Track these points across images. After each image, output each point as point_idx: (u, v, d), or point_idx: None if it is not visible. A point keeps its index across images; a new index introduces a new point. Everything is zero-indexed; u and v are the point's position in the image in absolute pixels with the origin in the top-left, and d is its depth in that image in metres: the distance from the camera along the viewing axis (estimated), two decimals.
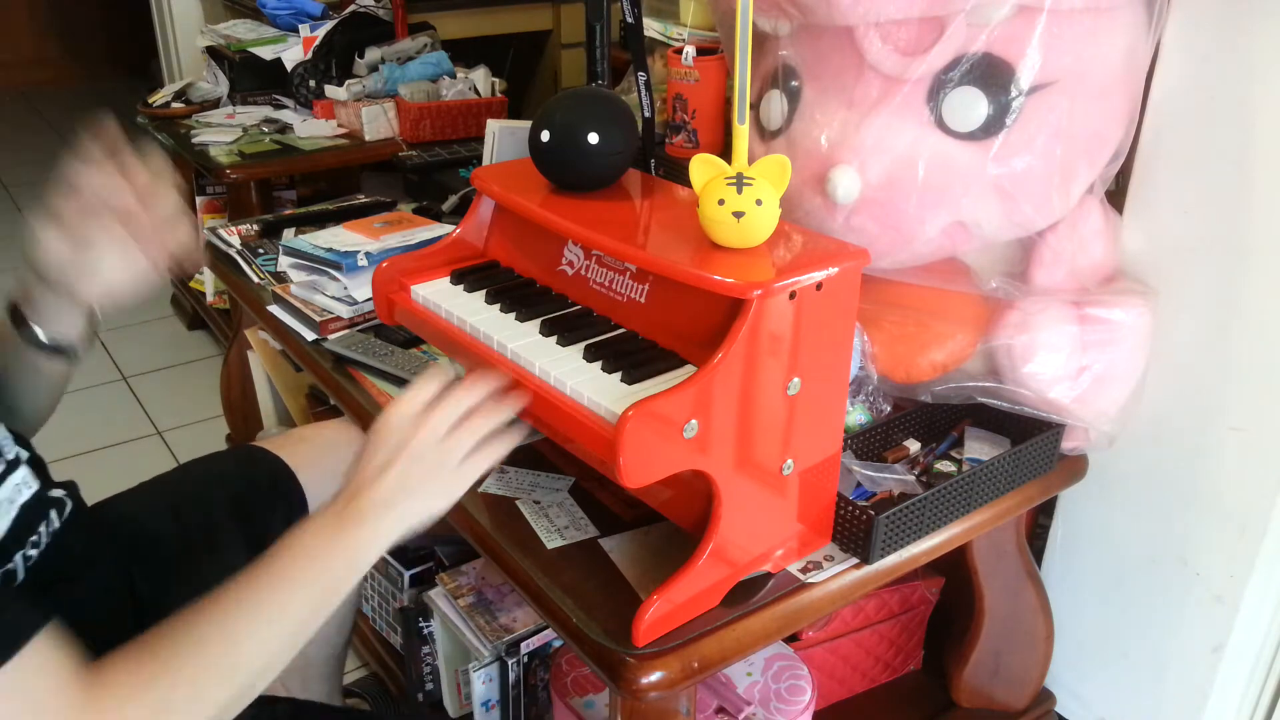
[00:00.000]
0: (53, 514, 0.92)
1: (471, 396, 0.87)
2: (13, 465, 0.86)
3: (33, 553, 0.87)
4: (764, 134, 1.22)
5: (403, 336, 1.38)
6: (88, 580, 0.97)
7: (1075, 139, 1.08)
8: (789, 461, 0.92)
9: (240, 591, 0.75)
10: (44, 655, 0.64)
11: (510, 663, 1.35)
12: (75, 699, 0.64)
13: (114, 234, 0.87)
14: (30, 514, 0.87)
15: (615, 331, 0.97)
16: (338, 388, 1.34)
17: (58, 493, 0.95)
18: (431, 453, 0.83)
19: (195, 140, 2.40)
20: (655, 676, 0.88)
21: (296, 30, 2.61)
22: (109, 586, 1.02)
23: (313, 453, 1.22)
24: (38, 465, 0.93)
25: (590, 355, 0.92)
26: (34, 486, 0.89)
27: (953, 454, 1.18)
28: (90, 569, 0.98)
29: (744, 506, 0.90)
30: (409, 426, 0.84)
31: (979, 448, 1.18)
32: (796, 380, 0.88)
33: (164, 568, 1.06)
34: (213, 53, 2.77)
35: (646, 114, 1.24)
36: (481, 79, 2.47)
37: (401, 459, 0.82)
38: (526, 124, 1.34)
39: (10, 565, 0.83)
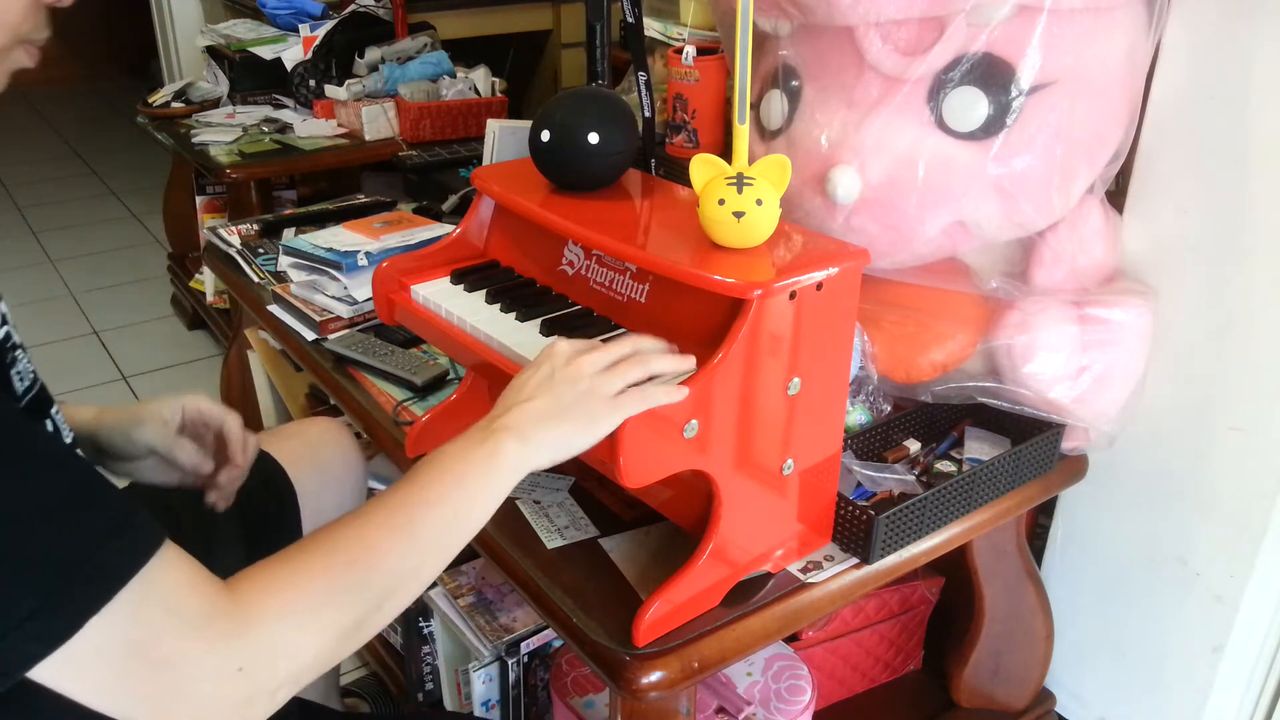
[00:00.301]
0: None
1: (641, 343, 0.85)
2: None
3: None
4: (764, 134, 1.22)
5: (403, 336, 1.38)
6: None
7: (1075, 139, 1.08)
8: (789, 461, 0.92)
9: (377, 506, 0.73)
10: (176, 558, 0.64)
11: (510, 663, 1.35)
12: (211, 601, 0.64)
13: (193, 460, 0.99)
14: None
15: (615, 331, 0.97)
16: (338, 388, 1.34)
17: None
18: (586, 382, 0.80)
19: (195, 140, 2.40)
20: (655, 676, 0.88)
21: (296, 30, 2.61)
22: None
23: (302, 449, 1.22)
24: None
25: None
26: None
27: (953, 454, 1.18)
28: None
29: (744, 506, 0.90)
30: (569, 356, 0.82)
31: (979, 448, 1.18)
32: (796, 380, 0.88)
33: None
34: (213, 52, 2.77)
35: (646, 114, 1.24)
36: (481, 79, 2.47)
37: (556, 383, 0.80)
38: (526, 124, 1.35)
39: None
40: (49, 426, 0.75)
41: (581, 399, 0.79)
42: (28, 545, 0.58)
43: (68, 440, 0.78)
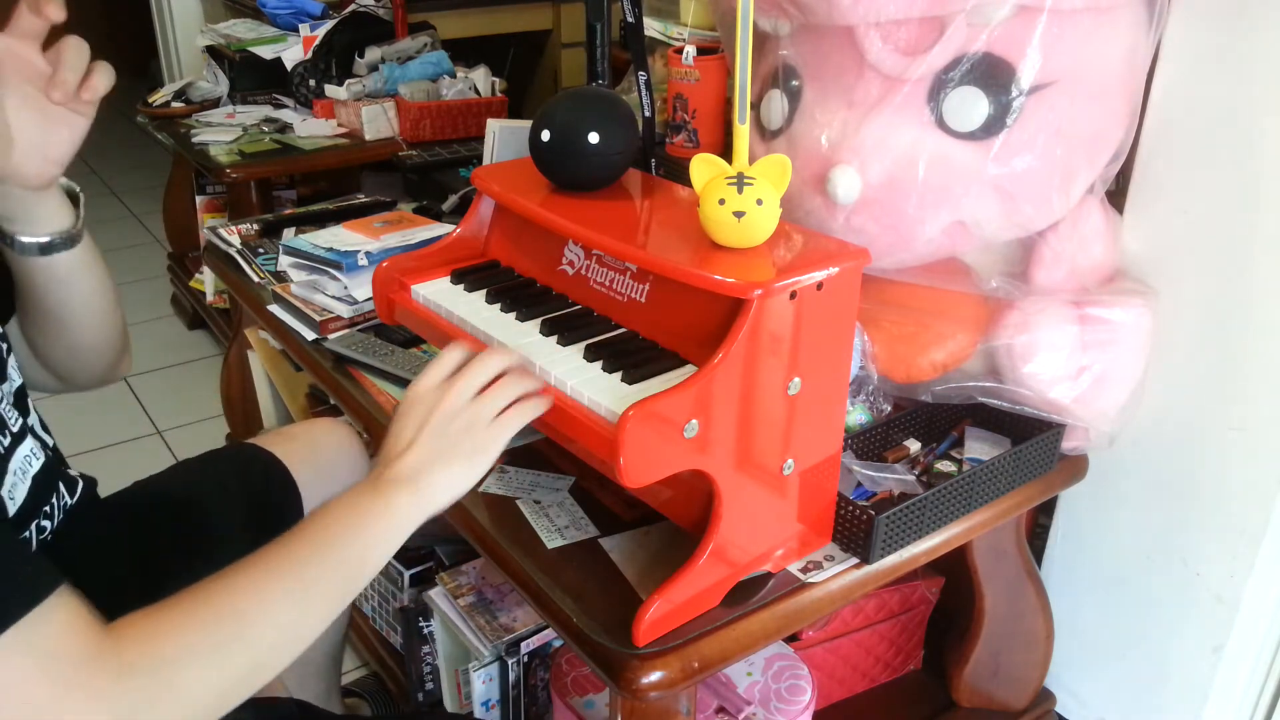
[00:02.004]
0: (63, 487, 0.92)
1: (495, 363, 0.85)
2: (19, 437, 0.86)
3: (46, 524, 0.87)
4: (764, 134, 1.22)
5: (403, 336, 1.38)
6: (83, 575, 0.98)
7: (1075, 139, 1.08)
8: (789, 461, 0.92)
9: (267, 559, 0.73)
10: (63, 608, 0.63)
11: (510, 663, 1.35)
12: (89, 647, 0.63)
13: (22, 93, 0.79)
14: (41, 486, 0.87)
15: (615, 331, 0.97)
16: (338, 387, 1.34)
17: (71, 472, 0.95)
18: (462, 414, 0.81)
19: (195, 140, 2.40)
20: (655, 676, 0.88)
21: (296, 30, 2.61)
22: (105, 582, 1.02)
23: (305, 450, 1.22)
24: (56, 454, 0.92)
25: (590, 355, 0.92)
26: (41, 459, 0.89)
27: (953, 454, 1.18)
28: (90, 563, 0.99)
29: (744, 506, 0.90)
30: (435, 394, 0.83)
31: (979, 448, 1.18)
32: (797, 380, 0.88)
33: (160, 566, 1.06)
34: (213, 52, 2.77)
35: (646, 114, 1.24)
36: (481, 79, 2.47)
37: (431, 424, 0.81)
38: (526, 124, 1.34)
39: (25, 534, 0.83)
40: None
41: (463, 433, 0.80)
42: None
43: None
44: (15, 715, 0.60)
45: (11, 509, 0.85)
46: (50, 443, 0.97)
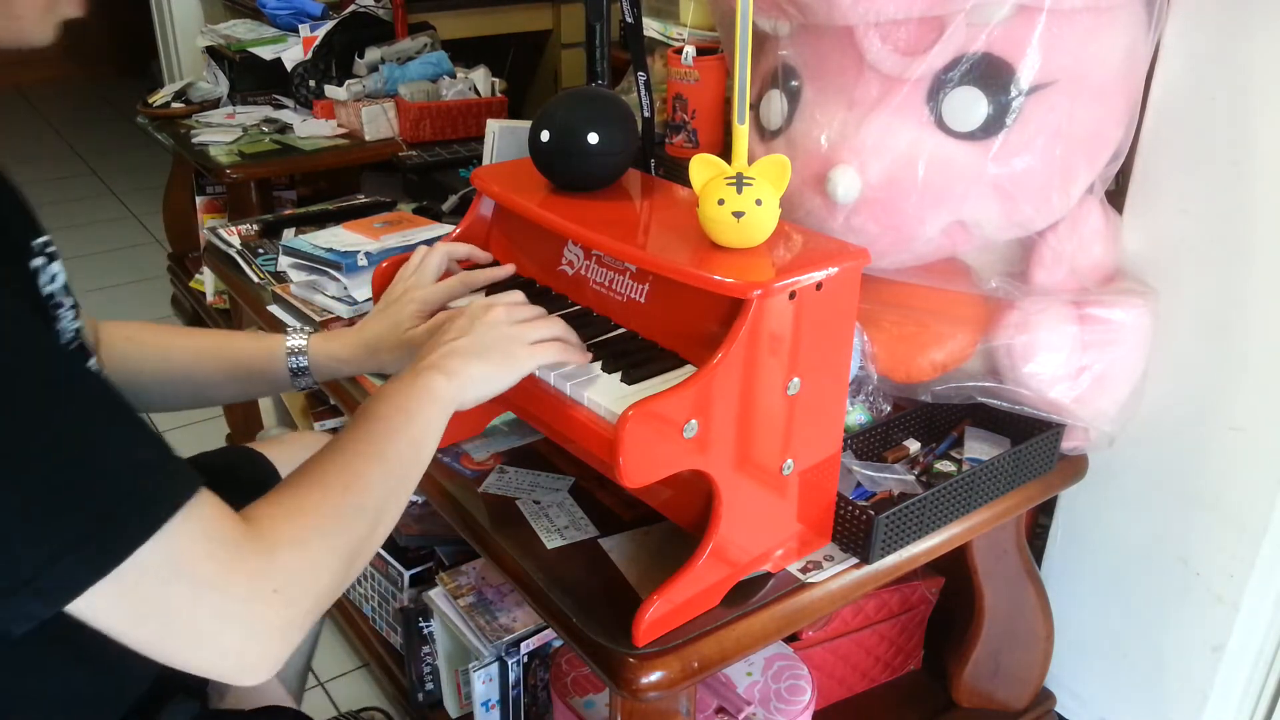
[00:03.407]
0: None
1: (544, 310, 0.94)
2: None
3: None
4: (764, 134, 1.22)
5: None
6: None
7: (1075, 139, 1.08)
8: (789, 461, 0.92)
9: (347, 441, 0.79)
10: (211, 498, 0.68)
11: (510, 663, 1.35)
12: (238, 531, 0.68)
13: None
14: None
15: (615, 331, 0.97)
16: (338, 387, 1.33)
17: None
18: (505, 328, 0.89)
19: (195, 140, 2.40)
20: (655, 676, 0.88)
21: (296, 30, 2.61)
22: None
23: (299, 452, 1.22)
24: None
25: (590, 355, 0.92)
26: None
27: (953, 454, 1.18)
28: None
29: (744, 506, 0.90)
30: (483, 308, 0.91)
31: (979, 448, 1.18)
32: (796, 380, 0.88)
33: None
34: (213, 53, 2.77)
35: (646, 114, 1.24)
36: (481, 79, 2.47)
37: (475, 328, 0.89)
38: (526, 124, 1.34)
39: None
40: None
41: (500, 342, 0.88)
42: (80, 474, 0.60)
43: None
44: (188, 594, 0.64)
45: None
46: None
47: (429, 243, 1.22)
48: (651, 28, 1.65)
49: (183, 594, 0.63)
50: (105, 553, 0.60)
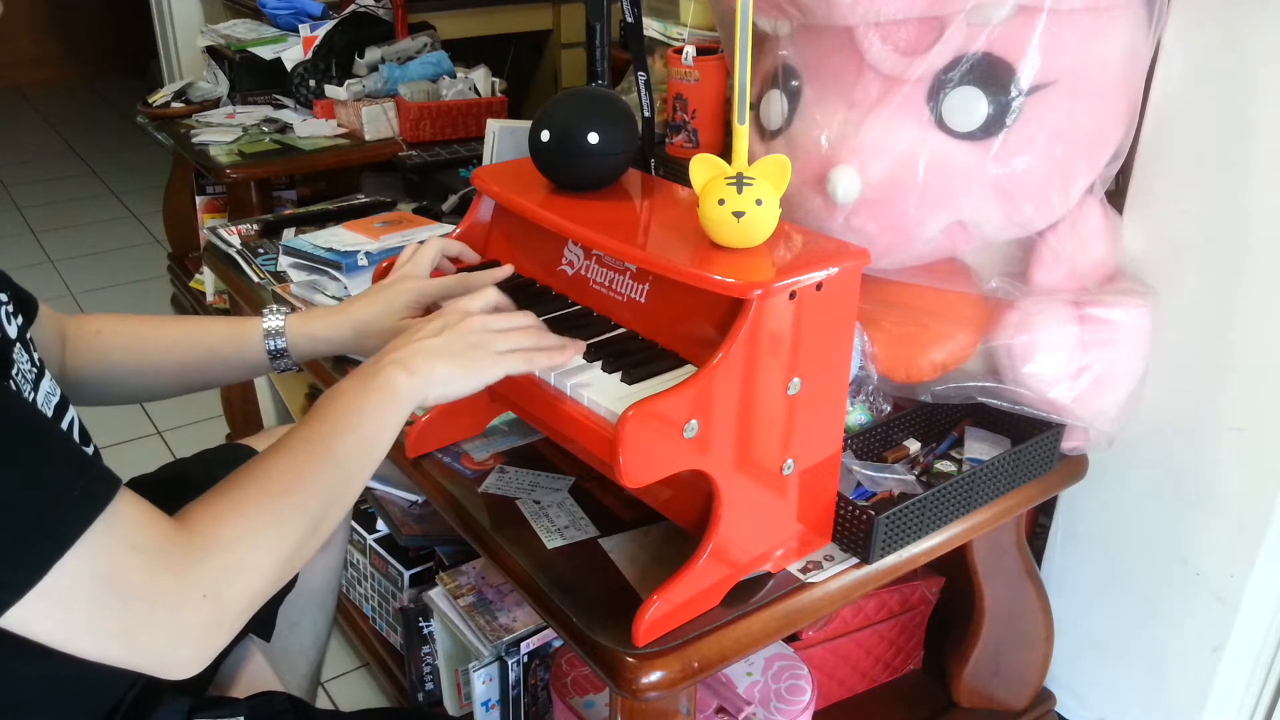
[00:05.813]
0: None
1: (525, 317, 0.93)
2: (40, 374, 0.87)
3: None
4: (764, 134, 1.22)
5: None
6: None
7: (1075, 139, 1.08)
8: (789, 461, 0.92)
9: (296, 440, 0.79)
10: (134, 502, 0.68)
11: (510, 663, 1.35)
12: (166, 535, 0.68)
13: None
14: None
15: (615, 331, 0.97)
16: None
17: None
18: (475, 335, 0.88)
19: (195, 140, 2.40)
20: (655, 676, 0.88)
21: (296, 30, 2.61)
22: None
23: None
24: None
25: (590, 355, 0.92)
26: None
27: (953, 454, 1.18)
28: None
29: (744, 506, 0.90)
30: (459, 315, 0.91)
31: (979, 448, 1.18)
32: (796, 380, 0.88)
33: None
34: (213, 52, 2.77)
35: (646, 114, 1.24)
36: (481, 79, 2.47)
37: (450, 330, 0.88)
38: (526, 124, 1.35)
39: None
40: (11, 386, 0.77)
41: (469, 348, 0.87)
42: None
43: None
44: (116, 605, 0.65)
45: None
46: None
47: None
48: (651, 28, 1.65)
49: (111, 605, 0.65)
50: (19, 573, 0.61)
